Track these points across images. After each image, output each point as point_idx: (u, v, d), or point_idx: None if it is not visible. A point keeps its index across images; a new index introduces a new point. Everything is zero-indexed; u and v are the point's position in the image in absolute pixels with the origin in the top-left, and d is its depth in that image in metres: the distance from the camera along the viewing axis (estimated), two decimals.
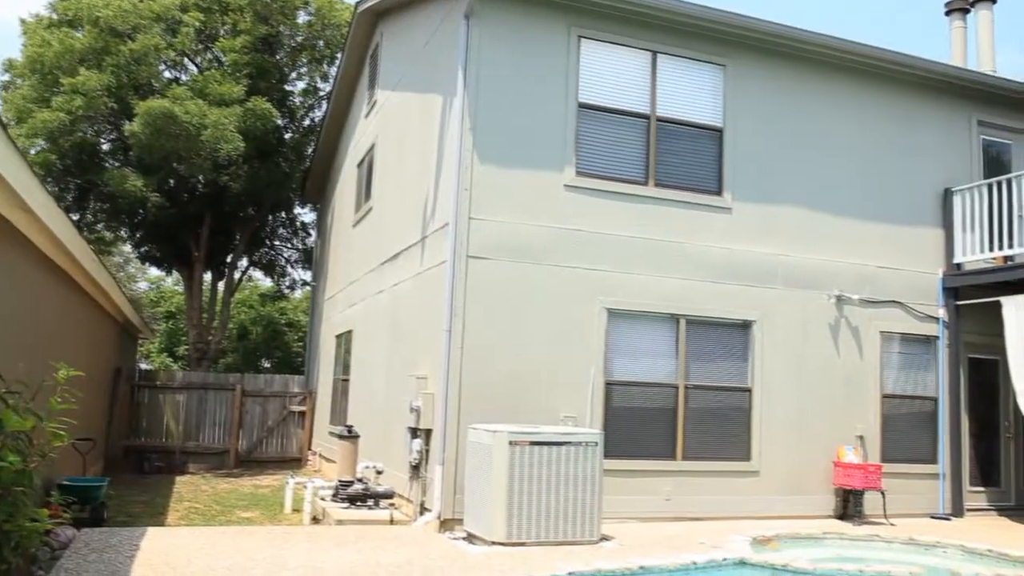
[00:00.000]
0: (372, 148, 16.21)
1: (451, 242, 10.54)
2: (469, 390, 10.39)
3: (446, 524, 10.12)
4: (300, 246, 28.24)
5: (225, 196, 22.17)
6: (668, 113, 11.80)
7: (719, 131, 12.05)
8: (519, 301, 10.78)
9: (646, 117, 11.68)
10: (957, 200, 13.23)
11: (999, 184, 12.76)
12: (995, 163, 14.03)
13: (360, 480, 11.86)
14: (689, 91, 11.97)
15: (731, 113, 12.10)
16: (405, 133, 13.92)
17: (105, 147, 23.03)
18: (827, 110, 12.78)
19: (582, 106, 11.32)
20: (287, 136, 24.10)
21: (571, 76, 11.28)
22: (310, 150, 23.58)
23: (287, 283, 29.18)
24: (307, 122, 24.98)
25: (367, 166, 16.65)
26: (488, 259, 10.65)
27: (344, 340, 17.41)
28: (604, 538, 9.52)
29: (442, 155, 11.48)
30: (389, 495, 11.58)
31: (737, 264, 11.93)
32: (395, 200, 14.08)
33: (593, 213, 11.23)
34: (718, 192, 11.96)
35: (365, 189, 16.70)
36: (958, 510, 12.69)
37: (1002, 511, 13.27)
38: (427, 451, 10.81)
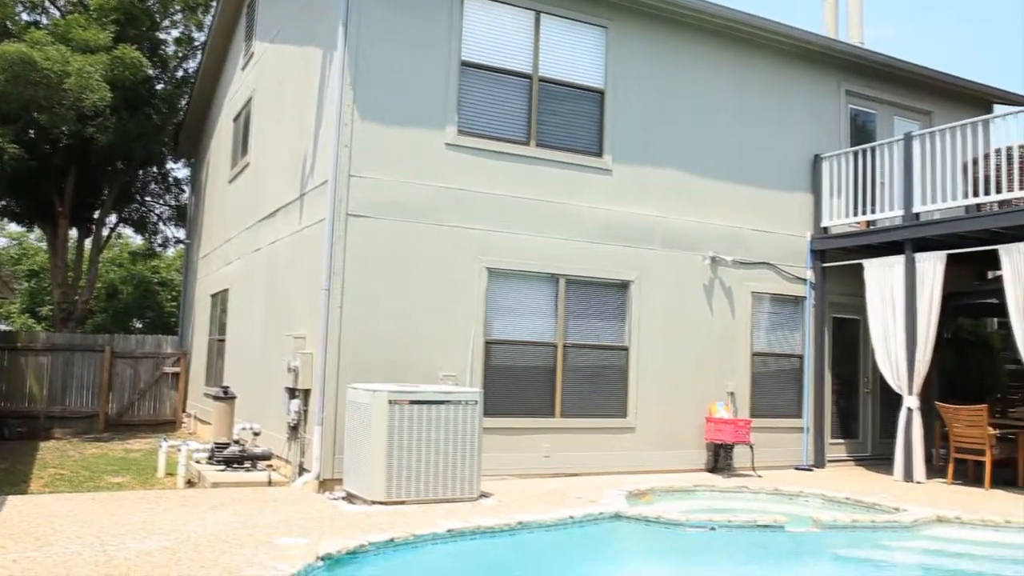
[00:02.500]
0: (249, 102, 15.71)
1: (330, 200, 10.34)
2: (348, 350, 10.29)
3: (325, 484, 10.05)
4: (173, 202, 27.19)
5: (91, 149, 21.04)
6: (550, 74, 11.83)
7: (600, 93, 12.16)
8: (400, 260, 10.69)
9: (528, 77, 11.68)
10: (825, 166, 13.76)
11: (864, 152, 13.33)
12: (861, 132, 14.65)
13: (237, 442, 11.62)
14: (571, 52, 12.02)
15: (612, 75, 12.22)
16: (284, 87, 13.53)
17: None
18: (705, 75, 13.05)
19: (465, 64, 11.22)
20: (159, 87, 23.06)
21: (454, 34, 11.16)
22: (184, 103, 22.64)
23: (159, 241, 28.15)
24: (180, 73, 23.99)
25: (244, 120, 16.13)
26: (368, 217, 10.50)
27: (220, 299, 16.96)
28: (484, 495, 9.62)
29: (321, 111, 11.22)
30: (267, 456, 11.40)
31: (616, 225, 12.12)
32: (273, 156, 13.71)
33: (475, 172, 11.20)
34: (599, 154, 12.09)
35: (242, 144, 16.19)
36: (820, 461, 13.35)
37: (860, 461, 14.04)
38: (306, 411, 10.67)
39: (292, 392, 10.90)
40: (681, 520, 8.82)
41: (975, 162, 11.98)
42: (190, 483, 11.34)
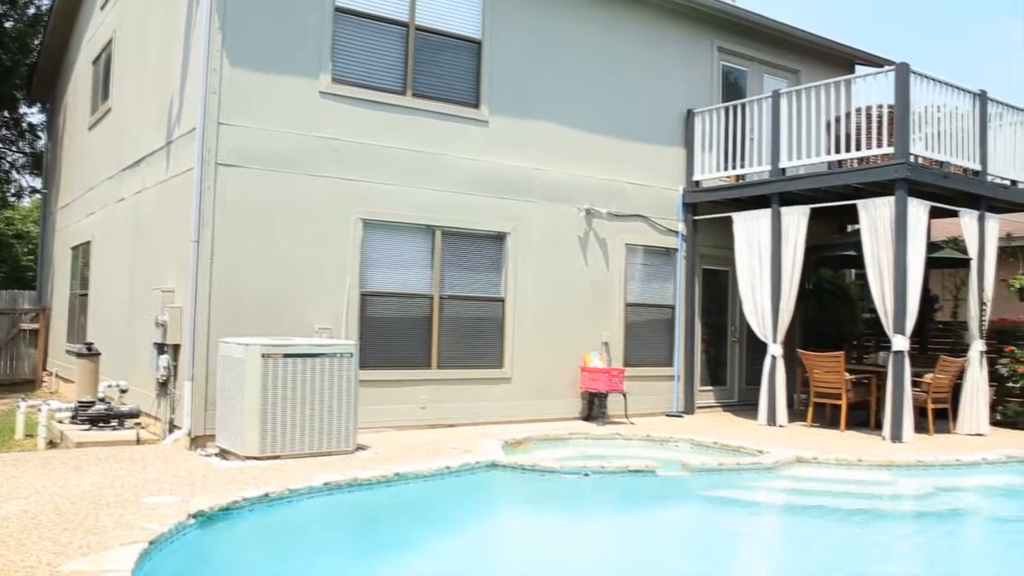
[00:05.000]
0: (110, 44, 14.90)
1: (198, 148, 9.96)
2: (220, 303, 10.00)
3: (197, 441, 9.81)
4: (28, 149, 25.73)
5: None
6: (427, 23, 11.65)
7: (478, 43, 12.06)
8: (273, 211, 10.41)
9: (405, 25, 11.46)
10: (698, 121, 14.07)
11: (734, 108, 13.68)
12: (733, 88, 15.01)
13: (102, 400, 11.20)
14: (449, 1, 11.85)
15: (489, 26, 12.12)
16: (147, 29, 12.88)
17: None
18: (581, 29, 13.08)
19: (339, 10, 10.92)
20: (8, 25, 21.63)
21: None
22: (37, 43, 21.31)
23: (13, 190, 26.61)
24: (32, 10, 22.51)
25: (104, 63, 15.31)
26: (239, 167, 10.17)
27: (82, 252, 16.19)
28: (360, 447, 9.58)
29: (188, 55, 10.75)
30: (135, 414, 11.03)
31: (493, 177, 12.12)
32: (137, 102, 13.08)
33: (350, 122, 10.97)
34: (475, 105, 12.02)
35: (103, 88, 15.38)
36: (690, 408, 13.83)
37: (727, 407, 14.62)
38: (175, 367, 10.36)
39: (161, 347, 10.55)
40: (556, 467, 9.01)
41: (838, 120, 12.46)
42: (52, 444, 10.86)
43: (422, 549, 6.94)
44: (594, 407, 12.67)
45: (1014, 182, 13.32)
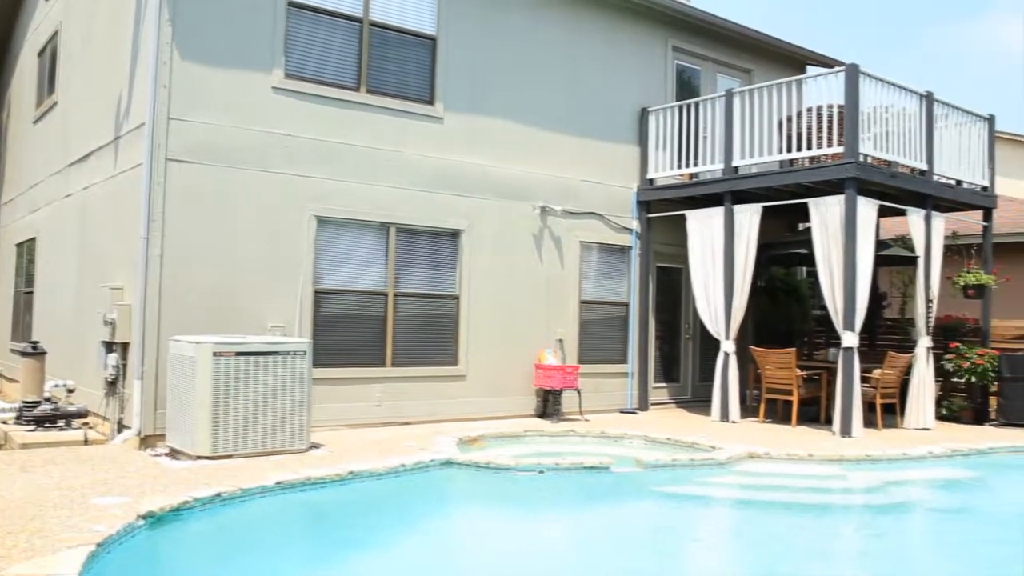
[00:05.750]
0: (56, 35, 14.59)
1: (148, 143, 9.79)
2: (170, 301, 9.85)
3: (147, 441, 9.66)
4: None
5: None
6: (382, 18, 11.57)
7: (433, 40, 12.00)
8: (225, 207, 10.27)
9: (359, 21, 11.38)
10: (652, 120, 14.15)
11: (688, 107, 13.79)
12: (687, 87, 15.13)
13: (49, 400, 10.97)
14: None
15: (445, 22, 12.08)
16: (95, 20, 12.64)
17: None
18: (537, 26, 13.08)
19: (292, 5, 10.79)
20: None
21: None
22: None
23: None
24: None
25: (50, 55, 14.99)
26: (190, 163, 10.02)
27: (26, 249, 15.85)
28: (315, 446, 9.50)
29: (138, 48, 10.56)
30: (82, 414, 10.82)
31: (448, 174, 12.08)
32: (84, 95, 12.83)
33: (303, 118, 10.86)
34: (430, 101, 11.97)
35: (48, 81, 15.06)
36: (644, 405, 13.93)
37: (681, 404, 14.74)
38: (125, 366, 10.18)
39: (109, 346, 10.37)
40: (511, 464, 9.02)
41: (789, 120, 12.61)
42: None
43: (376, 548, 6.90)
44: (549, 404, 12.70)
45: (959, 182, 13.60)
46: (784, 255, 14.99)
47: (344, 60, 11.30)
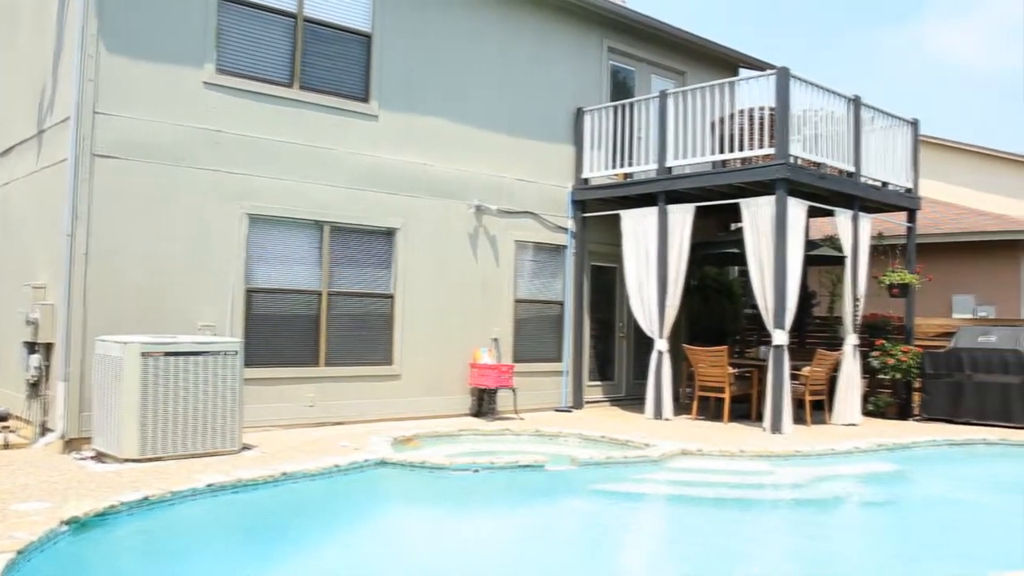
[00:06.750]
0: None
1: (73, 138, 9.53)
2: (96, 300, 9.60)
3: (72, 444, 9.40)
4: None
5: None
6: (316, 14, 11.44)
7: (368, 37, 11.91)
8: (154, 205, 10.05)
9: (293, 16, 11.23)
10: (587, 119, 14.24)
11: (623, 107, 13.90)
12: (621, 87, 15.26)
13: None
14: None
15: (380, 19, 11.99)
16: (17, 10, 12.25)
17: None
18: (474, 25, 13.07)
19: None
20: None
21: None
22: None
23: None
24: None
25: None
26: (118, 158, 9.78)
27: None
28: (247, 447, 9.37)
29: (62, 39, 10.28)
30: (3, 417, 10.51)
31: (382, 172, 12.00)
32: (4, 88, 12.44)
33: (235, 114, 10.68)
34: (365, 99, 11.87)
35: None
36: (578, 403, 14.01)
37: (615, 402, 14.87)
38: (48, 367, 9.90)
39: (32, 346, 10.08)
40: (445, 464, 9.00)
41: (722, 121, 12.79)
42: None
43: (309, 550, 6.82)
44: (484, 403, 12.70)
45: (885, 183, 13.94)
46: (716, 255, 15.20)
47: (278, 56, 11.15)
